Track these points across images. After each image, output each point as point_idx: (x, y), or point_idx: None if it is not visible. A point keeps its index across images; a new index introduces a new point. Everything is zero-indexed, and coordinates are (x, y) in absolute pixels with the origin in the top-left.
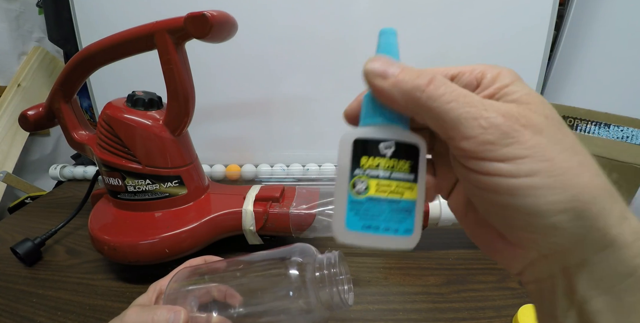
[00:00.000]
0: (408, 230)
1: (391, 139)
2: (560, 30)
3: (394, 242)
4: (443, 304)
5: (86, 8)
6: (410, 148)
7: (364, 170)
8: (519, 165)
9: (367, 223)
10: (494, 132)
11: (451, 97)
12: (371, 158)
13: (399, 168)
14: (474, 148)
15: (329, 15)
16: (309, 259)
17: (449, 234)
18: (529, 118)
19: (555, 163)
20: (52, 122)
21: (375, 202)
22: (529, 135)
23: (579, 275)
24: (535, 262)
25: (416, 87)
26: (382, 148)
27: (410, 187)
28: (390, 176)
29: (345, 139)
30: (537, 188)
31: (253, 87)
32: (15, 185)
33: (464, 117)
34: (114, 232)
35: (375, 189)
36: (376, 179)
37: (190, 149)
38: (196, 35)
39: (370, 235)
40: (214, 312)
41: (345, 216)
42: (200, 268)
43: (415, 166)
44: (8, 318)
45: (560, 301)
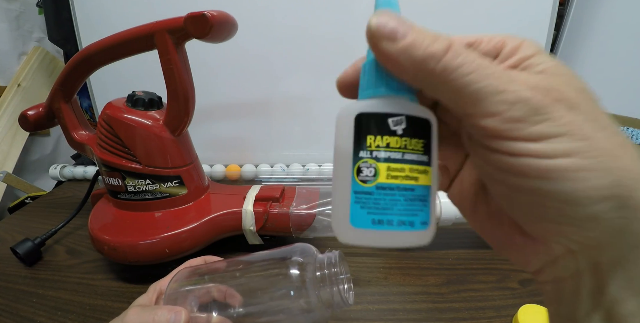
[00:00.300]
0: (425, 223)
1: (401, 113)
2: (560, 30)
3: (410, 239)
4: (443, 304)
5: (86, 8)
6: (423, 123)
7: (371, 152)
8: (554, 144)
9: (378, 217)
10: (522, 107)
11: (471, 67)
12: (379, 137)
13: (412, 149)
14: (498, 126)
15: (329, 15)
16: (310, 259)
17: (449, 234)
18: (562, 91)
19: (595, 143)
20: (52, 122)
21: (386, 190)
22: (563, 110)
23: (611, 273)
24: (558, 259)
25: (431, 55)
26: (392, 124)
27: (425, 170)
28: (403, 158)
29: (344, 114)
30: (576, 170)
31: (253, 87)
32: (15, 185)
33: (486, 90)
34: (114, 232)
35: (386, 175)
36: (386, 162)
37: (190, 149)
38: (196, 35)
39: (382, 232)
40: (214, 312)
41: (349, 210)
42: (200, 268)
43: (428, 145)
44: (8, 318)
45: (584, 303)
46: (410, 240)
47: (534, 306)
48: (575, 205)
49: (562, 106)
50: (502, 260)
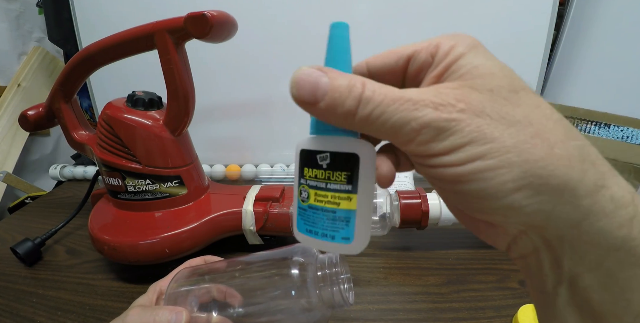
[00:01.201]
0: (346, 238)
1: (326, 150)
2: (560, 30)
3: (334, 247)
4: (443, 304)
5: (86, 8)
6: (349, 157)
7: (306, 180)
8: (461, 153)
9: (309, 228)
10: (427, 131)
11: (380, 109)
12: (310, 169)
13: (335, 180)
14: (415, 149)
15: (329, 16)
16: (311, 259)
17: (449, 234)
18: (468, 100)
19: (499, 143)
20: (52, 122)
21: (314, 210)
22: (468, 120)
23: (561, 249)
24: (517, 238)
25: (347, 112)
26: (319, 159)
27: (347, 197)
28: (327, 187)
29: (297, 147)
30: (482, 171)
31: (253, 87)
32: (15, 185)
33: (398, 124)
34: (114, 232)
35: (313, 199)
36: (314, 189)
37: (190, 149)
38: (196, 35)
39: (312, 238)
40: (214, 312)
41: (296, 219)
42: (200, 268)
43: (354, 175)
44: (8, 318)
45: (548, 276)
46: (334, 249)
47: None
48: (490, 199)
49: (468, 115)
50: (502, 260)
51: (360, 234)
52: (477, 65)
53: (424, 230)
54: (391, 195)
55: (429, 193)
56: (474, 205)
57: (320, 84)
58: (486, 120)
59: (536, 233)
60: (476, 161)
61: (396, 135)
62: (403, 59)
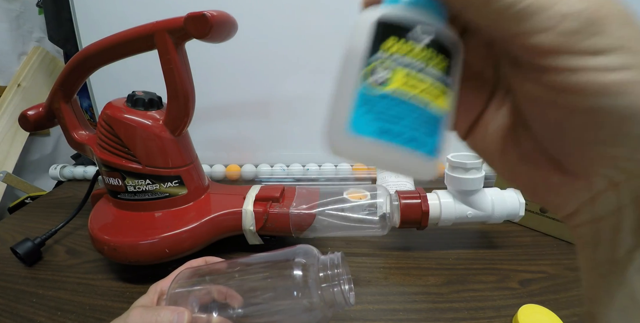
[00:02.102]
0: (435, 150)
1: (433, 23)
2: None
3: (414, 164)
4: (443, 304)
5: (86, 8)
6: (451, 44)
7: (391, 55)
8: (611, 57)
9: (387, 125)
10: (576, 18)
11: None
12: (403, 40)
13: (437, 64)
14: (552, 41)
15: (329, 15)
16: (312, 260)
17: (449, 234)
18: (612, 7)
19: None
20: (52, 122)
21: (399, 100)
22: (616, 23)
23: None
24: (599, 195)
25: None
26: (420, 31)
27: (444, 92)
28: (425, 69)
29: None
30: (635, 84)
31: (253, 87)
32: (15, 185)
33: (537, 5)
34: (114, 232)
35: (402, 82)
36: (406, 68)
37: (190, 149)
38: (196, 35)
39: (386, 146)
40: (214, 313)
41: (351, 113)
42: (201, 269)
43: (452, 69)
44: (8, 318)
45: (625, 241)
46: (414, 168)
47: (534, 306)
48: (632, 121)
49: (615, 19)
50: (502, 260)
51: (442, 150)
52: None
53: (424, 230)
54: (391, 195)
55: (429, 193)
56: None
57: None
58: (632, 31)
59: (632, 185)
60: (629, 70)
61: (529, 19)
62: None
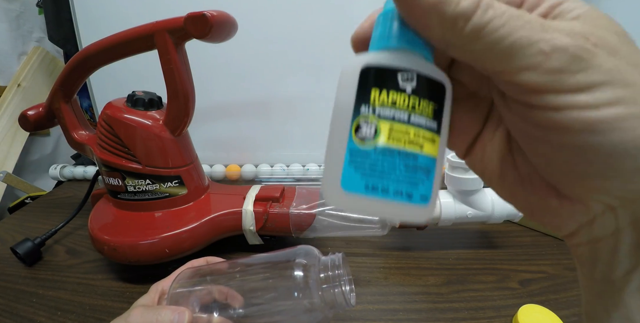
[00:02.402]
0: (424, 198)
1: (414, 69)
2: None
3: (405, 212)
4: (443, 304)
5: (86, 8)
6: (436, 86)
7: (374, 109)
8: (598, 93)
9: (373, 182)
10: (560, 56)
11: (501, 21)
12: (384, 92)
13: (421, 111)
14: (537, 79)
15: (329, 15)
16: (313, 261)
17: (449, 234)
18: (600, 36)
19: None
20: (52, 122)
21: (386, 153)
22: (604, 56)
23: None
24: (597, 218)
25: (461, 13)
26: (401, 80)
27: (432, 139)
28: (409, 120)
29: (349, 65)
30: (623, 119)
31: (253, 87)
32: (15, 185)
33: (520, 43)
34: (114, 232)
35: (387, 135)
36: (390, 121)
37: (190, 149)
38: (196, 35)
39: (375, 200)
40: (215, 313)
41: (341, 170)
42: (202, 269)
43: (439, 111)
44: (8, 318)
45: (622, 262)
46: (405, 214)
47: (534, 306)
48: (623, 157)
49: (602, 52)
50: (502, 260)
51: (435, 195)
52: (590, 9)
53: (424, 230)
54: None
55: None
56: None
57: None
58: (621, 61)
59: (630, 210)
60: (617, 105)
61: (511, 58)
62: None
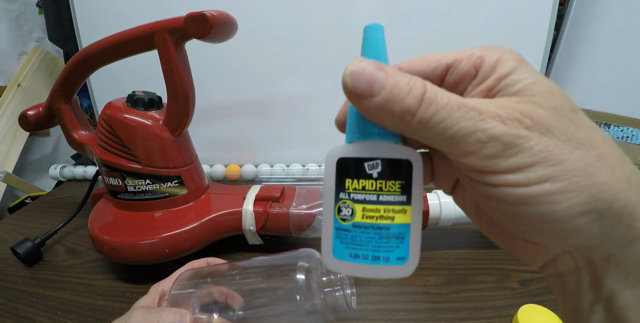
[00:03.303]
0: (401, 259)
1: (377, 157)
2: (560, 30)
3: (386, 272)
4: (443, 304)
5: (86, 8)
6: (401, 165)
7: (349, 194)
8: (528, 173)
9: (354, 252)
10: (494, 145)
11: (443, 114)
12: (355, 180)
13: (388, 190)
14: (476, 163)
15: (329, 15)
16: (315, 264)
17: (449, 234)
18: (534, 116)
19: (568, 165)
20: (52, 122)
21: (361, 228)
22: (536, 138)
23: (605, 269)
24: (558, 258)
25: (406, 110)
26: (367, 168)
27: (402, 210)
28: (378, 199)
29: (329, 157)
30: (551, 194)
31: (253, 87)
32: (15, 185)
33: (460, 134)
34: (114, 232)
35: (361, 215)
36: (362, 204)
37: (190, 149)
38: (196, 35)
39: (358, 264)
40: (215, 314)
41: (332, 243)
42: (203, 270)
43: (407, 185)
44: (8, 318)
45: (585, 295)
46: (385, 273)
47: (534, 306)
48: (554, 222)
49: (535, 133)
50: (502, 260)
51: (414, 252)
52: (534, 81)
53: (424, 230)
54: None
55: (429, 193)
56: (532, 228)
57: (377, 77)
58: (553, 140)
59: (582, 254)
60: (545, 183)
61: (455, 145)
62: (441, 67)
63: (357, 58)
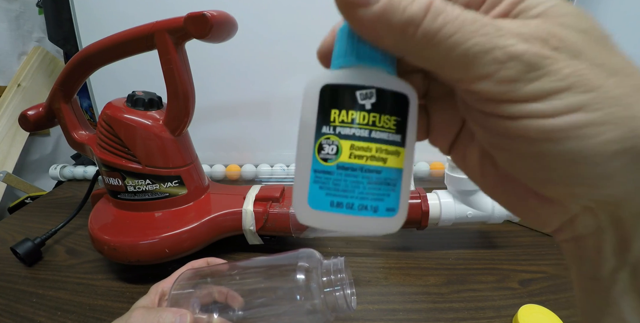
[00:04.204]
0: (391, 209)
1: (371, 85)
2: None
3: (372, 225)
4: (443, 304)
5: (86, 8)
6: (398, 99)
7: (334, 128)
8: (556, 100)
9: (337, 199)
10: (514, 65)
11: (454, 27)
12: (344, 111)
13: (382, 126)
14: (492, 89)
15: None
16: (315, 264)
17: (449, 234)
18: (562, 37)
19: (603, 93)
20: (52, 122)
21: (348, 170)
22: (565, 60)
23: (636, 228)
24: (577, 217)
25: (409, 20)
26: (360, 98)
27: (395, 152)
28: (370, 136)
29: (310, 85)
30: (584, 126)
31: (253, 87)
32: (15, 185)
33: (473, 51)
34: (114, 232)
35: (348, 154)
36: (350, 140)
37: (190, 149)
38: (196, 35)
39: (340, 215)
40: (215, 314)
41: (307, 189)
42: (203, 270)
43: (403, 123)
44: (8, 318)
45: (608, 261)
46: (373, 227)
47: (534, 306)
48: (585, 164)
49: (563, 55)
50: (502, 260)
51: (404, 204)
52: (556, 3)
53: (424, 230)
54: None
55: (429, 193)
56: (556, 173)
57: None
58: (585, 64)
59: (607, 210)
60: (576, 112)
61: (467, 66)
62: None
63: None
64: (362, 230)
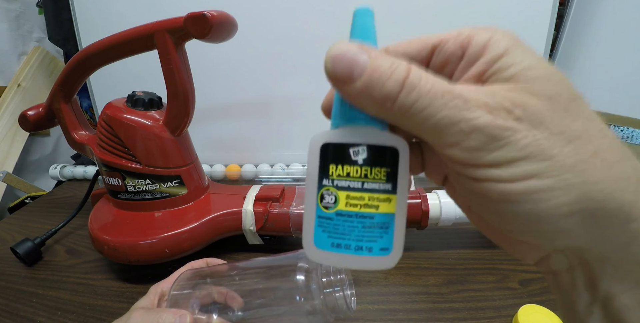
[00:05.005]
0: (384, 249)
1: (362, 143)
2: (560, 30)
3: (368, 263)
4: (443, 304)
5: (86, 8)
6: (387, 152)
7: (332, 181)
8: (513, 168)
9: (336, 241)
10: (477, 137)
11: (425, 101)
12: (340, 166)
13: (373, 178)
14: (459, 155)
15: (329, 15)
16: (315, 265)
17: (449, 234)
18: (526, 106)
19: (557, 161)
20: (52, 122)
21: (344, 217)
22: (525, 130)
23: (600, 270)
24: (550, 256)
25: (387, 95)
26: (352, 154)
27: (387, 199)
28: (363, 187)
29: (313, 142)
30: (538, 191)
31: (253, 87)
32: (15, 185)
33: (443, 123)
34: (114, 232)
35: (344, 203)
36: (346, 191)
37: (190, 149)
38: (196, 35)
39: (340, 255)
40: (214, 314)
41: (313, 232)
42: (203, 271)
43: (393, 173)
44: (8, 318)
45: (581, 295)
46: (368, 265)
47: (534, 306)
48: (540, 223)
49: (524, 125)
50: (502, 260)
51: (398, 243)
52: (529, 65)
53: (424, 230)
54: None
55: (429, 193)
56: (517, 227)
57: (359, 61)
58: (544, 133)
59: (575, 254)
60: (531, 179)
61: (438, 135)
62: (427, 48)
63: (340, 41)
64: (359, 267)
